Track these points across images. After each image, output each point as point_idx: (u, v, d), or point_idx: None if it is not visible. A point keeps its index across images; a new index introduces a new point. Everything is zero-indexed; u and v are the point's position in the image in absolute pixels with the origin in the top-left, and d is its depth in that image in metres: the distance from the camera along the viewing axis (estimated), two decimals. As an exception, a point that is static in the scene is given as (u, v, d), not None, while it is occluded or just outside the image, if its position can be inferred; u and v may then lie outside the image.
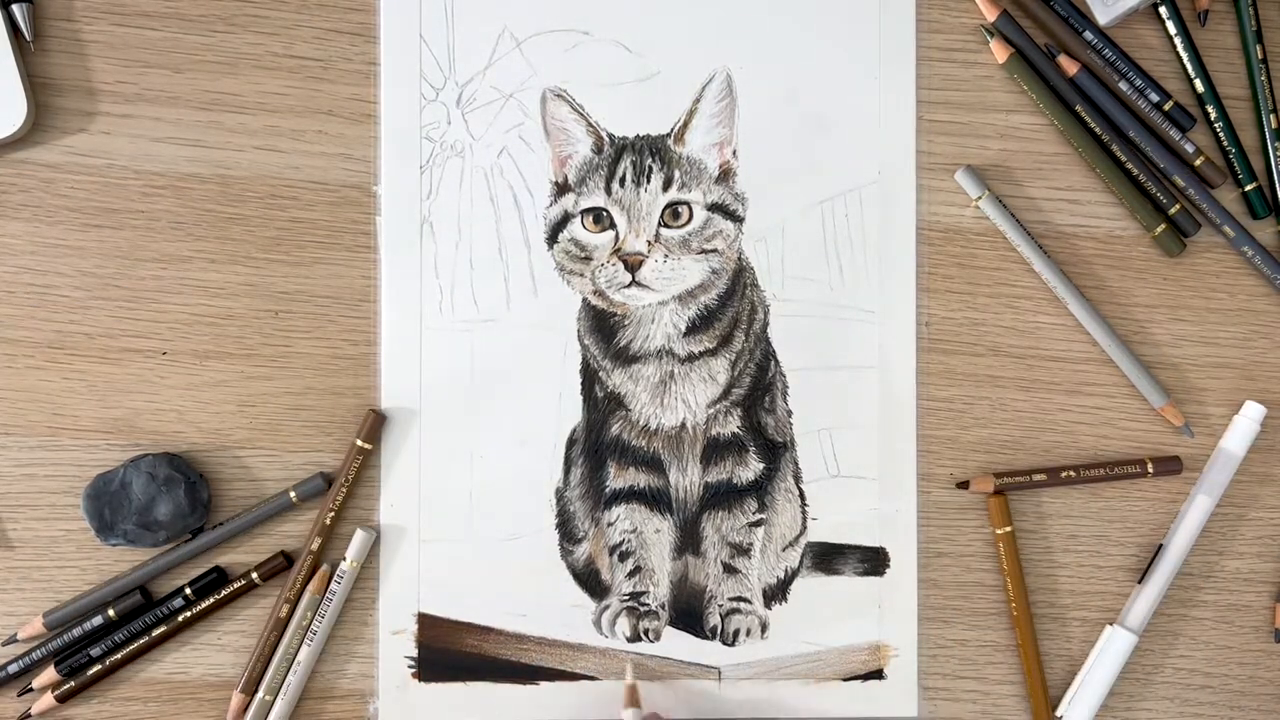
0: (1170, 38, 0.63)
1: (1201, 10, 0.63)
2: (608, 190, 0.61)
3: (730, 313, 0.62)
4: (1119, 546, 0.63)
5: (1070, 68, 0.62)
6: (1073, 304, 0.62)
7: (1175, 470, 0.62)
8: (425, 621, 0.61)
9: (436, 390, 0.61)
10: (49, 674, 0.59)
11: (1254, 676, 0.63)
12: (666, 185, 0.61)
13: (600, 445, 0.62)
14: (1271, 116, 0.62)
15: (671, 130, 0.62)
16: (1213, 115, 0.63)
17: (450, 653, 0.61)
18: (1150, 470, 0.62)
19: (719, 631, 0.62)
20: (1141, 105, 0.62)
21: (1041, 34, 0.62)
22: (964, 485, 0.62)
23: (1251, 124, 0.63)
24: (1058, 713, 0.62)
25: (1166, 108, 0.62)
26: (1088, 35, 0.62)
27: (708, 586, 0.62)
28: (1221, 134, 0.63)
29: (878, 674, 0.62)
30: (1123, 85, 0.62)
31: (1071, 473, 0.62)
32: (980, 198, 0.61)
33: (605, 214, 0.61)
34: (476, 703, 0.61)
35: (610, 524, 0.62)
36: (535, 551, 0.61)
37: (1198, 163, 0.62)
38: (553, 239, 0.62)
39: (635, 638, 0.61)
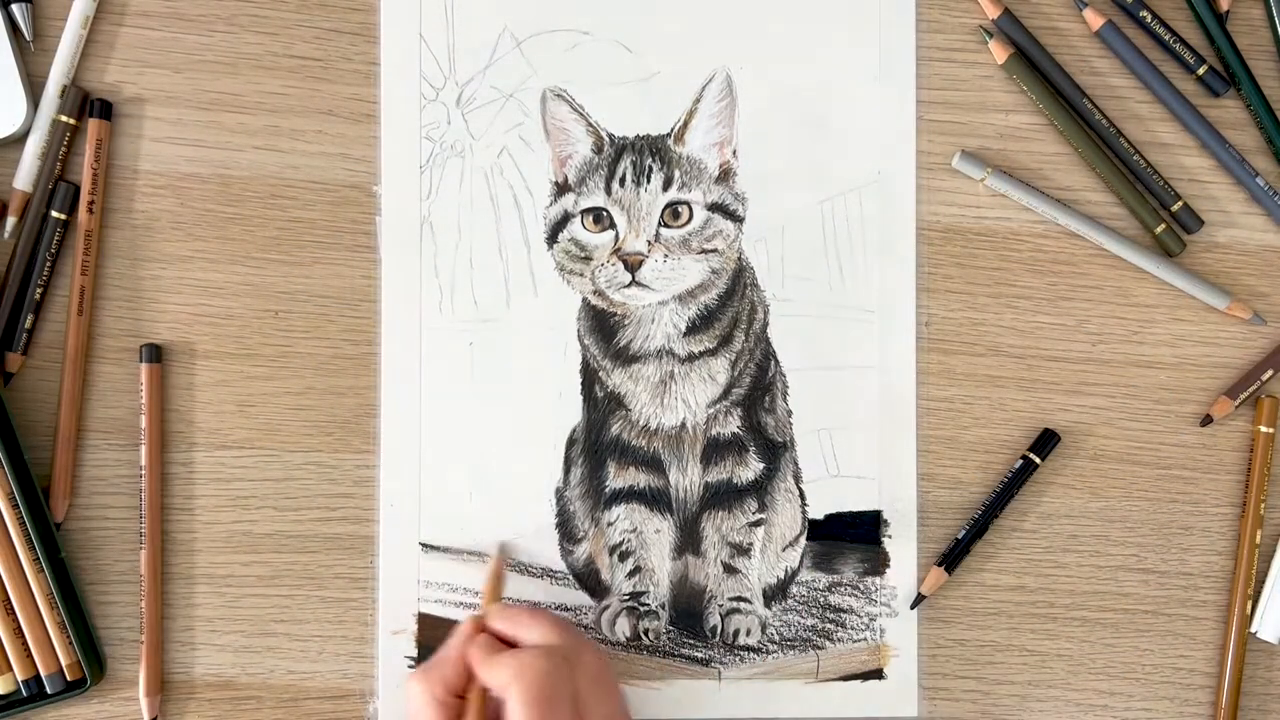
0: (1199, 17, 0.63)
1: (1222, 12, 0.63)
2: (608, 190, 0.61)
3: (730, 313, 0.62)
4: (1119, 546, 0.63)
5: (1095, 21, 0.62)
6: (1110, 244, 0.62)
7: None
8: (425, 621, 0.61)
9: (436, 390, 0.61)
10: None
11: (1254, 676, 0.63)
12: (666, 185, 0.61)
13: (600, 445, 0.62)
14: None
15: (671, 130, 0.62)
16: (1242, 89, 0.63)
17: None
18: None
19: (719, 631, 0.62)
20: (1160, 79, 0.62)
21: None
22: (1207, 420, 0.63)
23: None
24: (1251, 629, 0.63)
25: (1200, 72, 0.62)
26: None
27: (708, 586, 0.62)
28: (1253, 106, 0.63)
29: (878, 674, 0.62)
30: (1152, 53, 0.63)
31: None
32: (985, 178, 0.61)
33: (605, 214, 0.61)
34: (476, 703, 0.61)
35: (610, 524, 0.62)
36: (535, 551, 0.61)
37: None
38: (553, 239, 0.62)
39: (635, 638, 0.61)
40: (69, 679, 0.58)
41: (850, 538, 0.62)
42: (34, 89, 0.60)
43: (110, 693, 0.60)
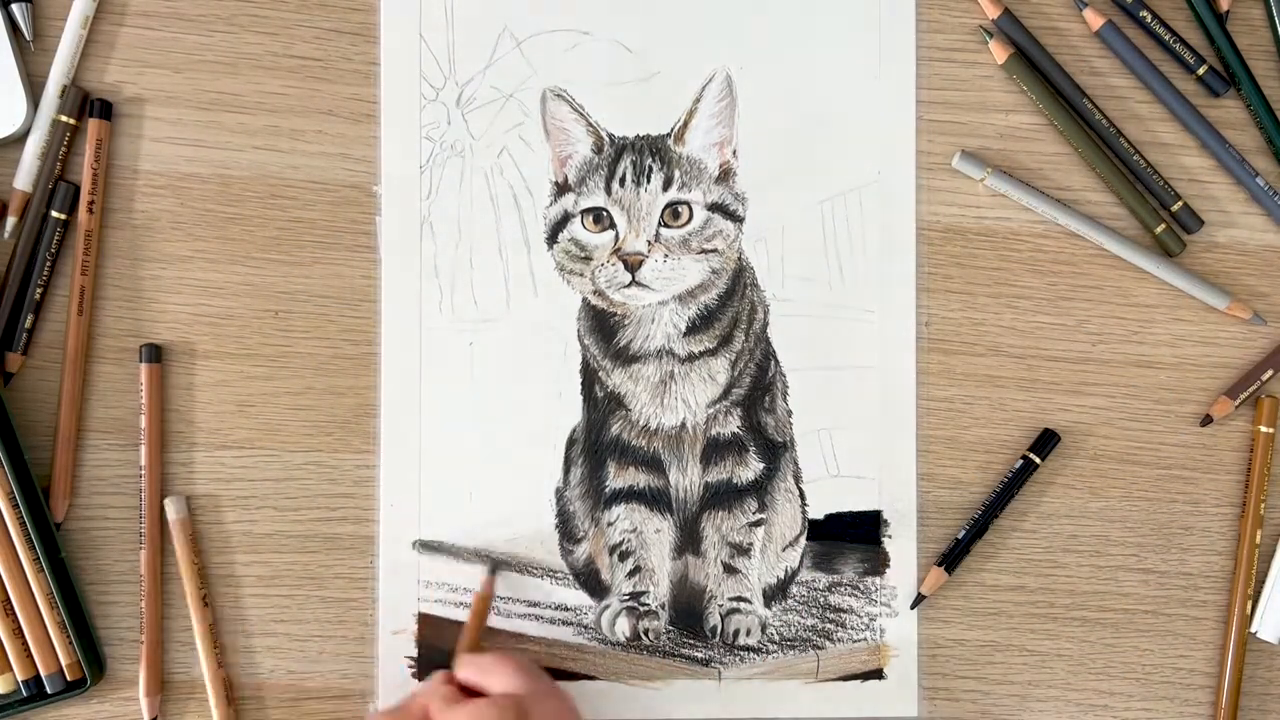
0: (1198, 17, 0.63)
1: (1222, 12, 0.63)
2: (608, 190, 0.61)
3: (730, 313, 0.62)
4: (1119, 546, 0.63)
5: (1095, 21, 0.62)
6: (1110, 244, 0.62)
7: None
8: (425, 621, 0.61)
9: (436, 390, 0.61)
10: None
11: (1254, 676, 0.63)
12: (666, 185, 0.61)
13: (600, 445, 0.62)
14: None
15: (671, 130, 0.62)
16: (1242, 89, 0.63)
17: (450, 653, 0.61)
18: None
19: (719, 631, 0.62)
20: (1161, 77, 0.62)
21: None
22: (1207, 420, 0.62)
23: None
24: (1251, 629, 0.63)
25: (1200, 72, 0.62)
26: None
27: (708, 586, 0.62)
28: (1253, 106, 0.63)
29: (878, 674, 0.62)
30: (1152, 53, 0.63)
31: None
32: (985, 178, 0.61)
33: (605, 214, 0.61)
34: (476, 703, 0.61)
35: (610, 524, 0.62)
36: (535, 551, 0.61)
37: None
38: (553, 239, 0.62)
39: (635, 638, 0.61)
40: (69, 679, 0.58)
41: (850, 538, 0.62)
42: (34, 89, 0.60)
43: (110, 693, 0.60)
